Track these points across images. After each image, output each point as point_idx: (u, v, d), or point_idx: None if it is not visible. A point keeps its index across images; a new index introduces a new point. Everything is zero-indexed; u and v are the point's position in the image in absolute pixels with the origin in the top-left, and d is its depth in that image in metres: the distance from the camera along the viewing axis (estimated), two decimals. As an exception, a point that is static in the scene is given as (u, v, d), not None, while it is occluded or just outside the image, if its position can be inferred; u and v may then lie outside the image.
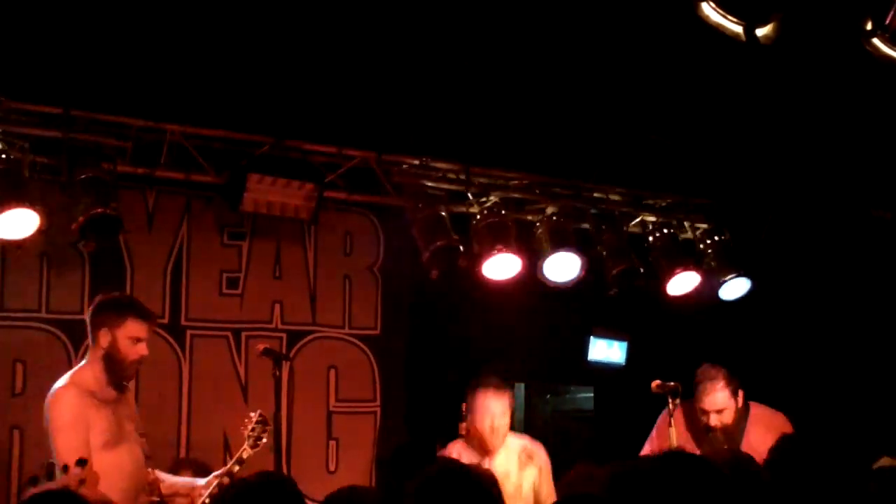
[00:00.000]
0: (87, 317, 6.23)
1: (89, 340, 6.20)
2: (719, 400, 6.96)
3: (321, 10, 7.01)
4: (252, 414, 6.51)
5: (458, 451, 6.92)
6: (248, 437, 6.41)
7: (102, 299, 6.26)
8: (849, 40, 6.55)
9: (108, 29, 6.86)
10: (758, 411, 7.14)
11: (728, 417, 6.96)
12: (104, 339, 6.04)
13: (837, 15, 6.49)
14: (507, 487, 6.43)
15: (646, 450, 7.23)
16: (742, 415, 7.06)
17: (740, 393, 7.02)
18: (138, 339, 6.07)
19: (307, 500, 4.41)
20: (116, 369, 6.05)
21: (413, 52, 7.37)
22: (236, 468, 6.30)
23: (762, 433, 6.67)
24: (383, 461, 8.46)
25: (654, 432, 7.27)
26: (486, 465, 6.51)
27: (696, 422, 7.09)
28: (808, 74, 7.32)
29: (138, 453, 6.06)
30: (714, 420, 6.94)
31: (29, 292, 7.53)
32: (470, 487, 3.89)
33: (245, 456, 6.35)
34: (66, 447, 5.79)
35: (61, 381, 6.09)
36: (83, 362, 6.21)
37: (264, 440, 6.45)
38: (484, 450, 6.92)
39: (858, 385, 9.21)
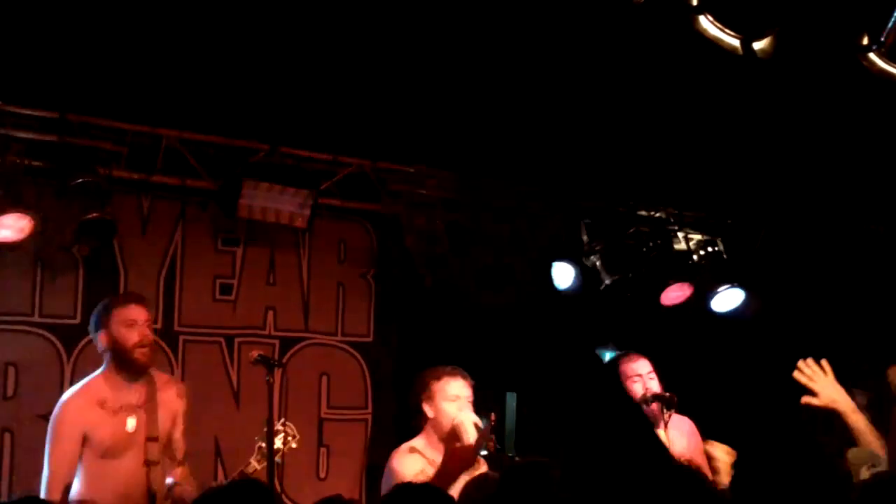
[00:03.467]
0: (90, 332, 6.25)
1: (99, 351, 6.21)
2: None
3: (317, 17, 7.01)
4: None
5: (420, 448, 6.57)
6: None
7: (95, 310, 6.31)
8: (845, 55, 6.57)
9: (105, 34, 6.84)
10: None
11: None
12: (104, 339, 6.06)
13: (834, 30, 6.51)
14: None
15: None
16: None
17: None
18: (133, 322, 6.06)
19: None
20: (125, 361, 6.07)
21: (409, 61, 7.37)
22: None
23: (678, 437, 6.81)
24: (374, 469, 8.45)
25: None
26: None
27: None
28: (804, 88, 7.34)
29: (139, 462, 6.05)
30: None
31: (22, 296, 7.51)
32: None
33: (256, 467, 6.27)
34: (54, 459, 5.97)
35: (71, 390, 6.19)
36: (99, 369, 6.22)
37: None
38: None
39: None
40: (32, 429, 7.41)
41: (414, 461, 6.29)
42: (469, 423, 6.22)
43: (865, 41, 6.51)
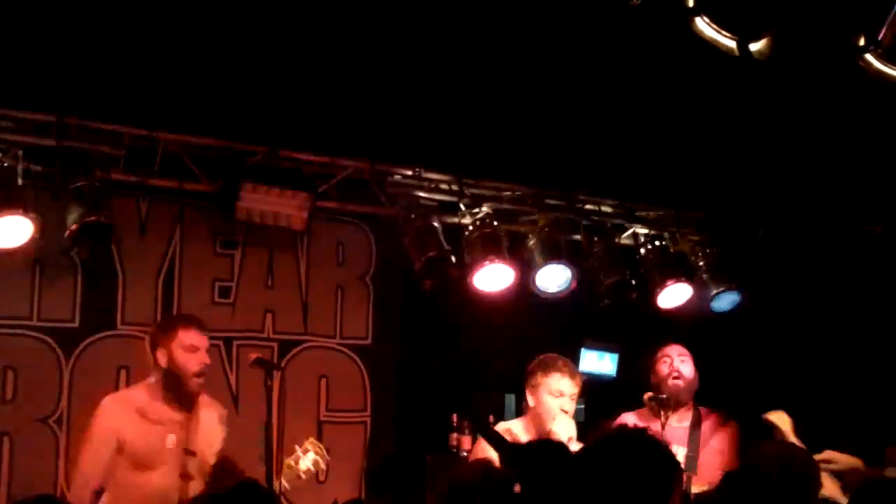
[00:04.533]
0: (146, 344, 6.24)
1: (151, 362, 6.20)
2: None
3: (316, 19, 7.02)
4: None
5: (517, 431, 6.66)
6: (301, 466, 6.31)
7: (155, 323, 6.29)
8: (842, 56, 6.57)
9: (102, 37, 6.86)
10: None
11: None
12: (162, 358, 6.04)
13: (831, 31, 6.51)
14: None
15: None
16: None
17: None
18: (194, 348, 6.04)
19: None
20: (178, 385, 6.03)
21: (407, 63, 7.38)
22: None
23: (714, 451, 6.99)
24: (372, 472, 8.46)
25: None
26: None
27: None
28: (800, 89, 7.34)
29: (172, 478, 5.99)
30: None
31: (21, 299, 7.52)
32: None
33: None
34: (86, 461, 5.95)
35: (116, 393, 6.23)
36: (148, 379, 6.20)
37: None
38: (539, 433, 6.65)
39: (849, 396, 9.23)
40: (31, 432, 7.44)
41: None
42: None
43: (862, 42, 6.50)
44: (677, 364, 7.10)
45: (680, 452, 6.71)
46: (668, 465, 3.68)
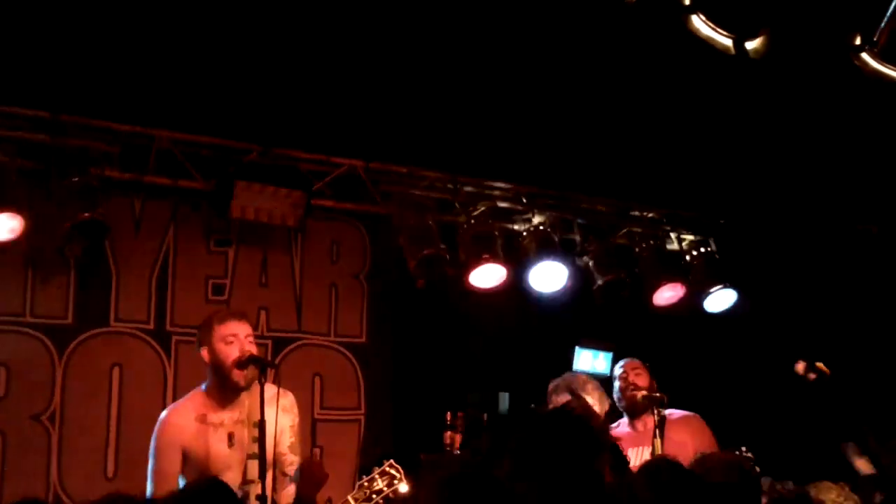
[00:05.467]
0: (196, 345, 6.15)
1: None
2: None
3: (311, 19, 7.01)
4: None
5: None
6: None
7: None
8: (838, 55, 6.57)
9: (97, 34, 6.85)
10: None
11: None
12: (206, 355, 5.95)
13: (827, 30, 6.52)
14: None
15: None
16: None
17: None
18: (233, 338, 5.94)
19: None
20: (224, 378, 5.91)
21: (402, 62, 7.38)
22: None
23: (686, 439, 6.88)
24: (367, 469, 8.44)
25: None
26: None
27: None
28: (796, 88, 7.34)
29: (238, 482, 5.85)
30: None
31: (14, 296, 7.50)
32: None
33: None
34: (155, 474, 5.86)
35: (173, 405, 6.12)
36: (202, 385, 6.09)
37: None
38: None
39: (843, 395, 9.22)
40: (24, 429, 7.42)
41: None
42: None
43: (858, 41, 6.51)
44: (633, 378, 7.16)
45: (646, 452, 6.75)
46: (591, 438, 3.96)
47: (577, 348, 9.20)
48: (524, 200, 8.71)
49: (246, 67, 7.28)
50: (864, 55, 6.52)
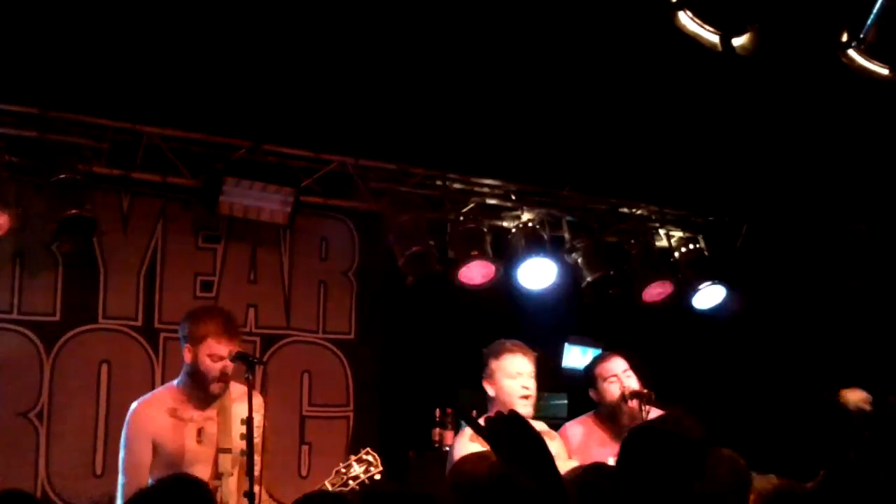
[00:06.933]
0: (179, 329, 6.15)
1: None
2: None
3: (300, 14, 7.00)
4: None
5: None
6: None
7: (188, 312, 6.19)
8: (826, 52, 6.57)
9: (86, 30, 6.83)
10: None
11: None
12: (188, 354, 5.97)
13: (814, 27, 6.51)
14: None
15: None
16: None
17: None
18: (220, 358, 5.98)
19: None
20: (202, 387, 5.96)
21: (391, 58, 7.37)
22: None
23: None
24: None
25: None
26: None
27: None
28: (784, 85, 7.34)
29: (209, 475, 5.90)
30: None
31: (1, 293, 7.48)
32: None
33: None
34: (126, 467, 5.91)
35: (144, 396, 6.12)
36: (178, 378, 6.13)
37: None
38: None
39: (832, 394, 9.25)
40: (11, 426, 7.41)
41: (471, 448, 6.21)
42: None
43: (845, 38, 6.50)
44: (627, 382, 6.82)
45: None
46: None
47: (566, 345, 9.23)
48: (513, 197, 8.73)
49: (235, 64, 7.27)
50: (852, 52, 6.50)
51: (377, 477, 6.09)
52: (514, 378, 6.42)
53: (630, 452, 4.04)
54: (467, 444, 6.24)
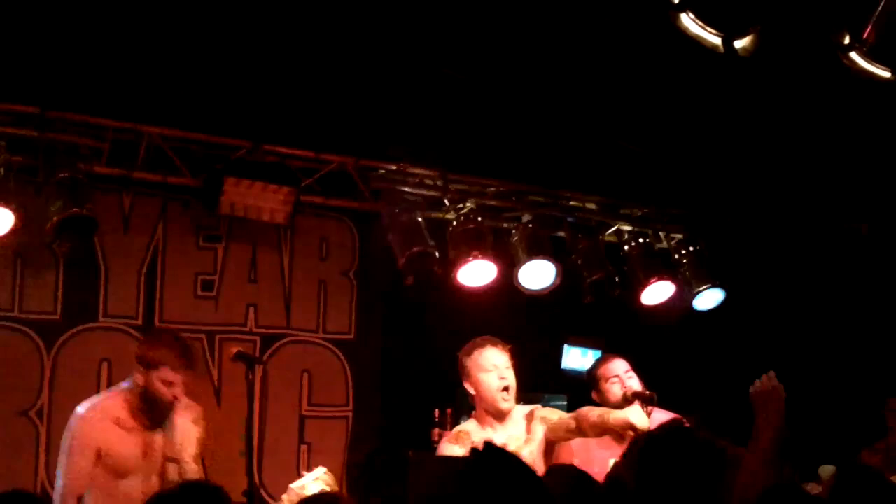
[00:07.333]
0: (134, 349, 6.20)
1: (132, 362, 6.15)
2: None
3: (301, 15, 7.00)
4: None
5: (469, 429, 6.47)
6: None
7: (148, 334, 6.35)
8: (826, 54, 6.57)
9: (86, 29, 6.83)
10: None
11: None
12: (139, 377, 5.99)
13: (815, 29, 6.52)
14: (524, 452, 6.14)
15: None
16: None
17: None
18: (172, 384, 6.00)
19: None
20: (151, 405, 6.00)
21: (392, 59, 7.37)
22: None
23: None
24: (355, 467, 8.44)
25: None
26: (498, 435, 6.27)
27: None
28: (785, 87, 7.35)
29: (153, 484, 5.97)
30: None
31: (2, 292, 7.49)
32: None
33: None
34: (67, 472, 5.92)
35: (86, 403, 6.12)
36: (124, 384, 6.16)
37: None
38: (495, 417, 6.45)
39: (830, 394, 9.25)
40: (11, 425, 7.41)
41: (449, 451, 6.21)
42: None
43: (847, 40, 6.51)
44: (628, 383, 6.86)
45: None
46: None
47: (565, 346, 9.22)
48: (514, 198, 8.72)
49: (235, 64, 7.27)
50: (853, 54, 6.51)
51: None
52: (489, 372, 6.37)
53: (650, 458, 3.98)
54: (446, 447, 6.26)
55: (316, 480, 6.07)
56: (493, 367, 6.37)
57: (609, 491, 4.05)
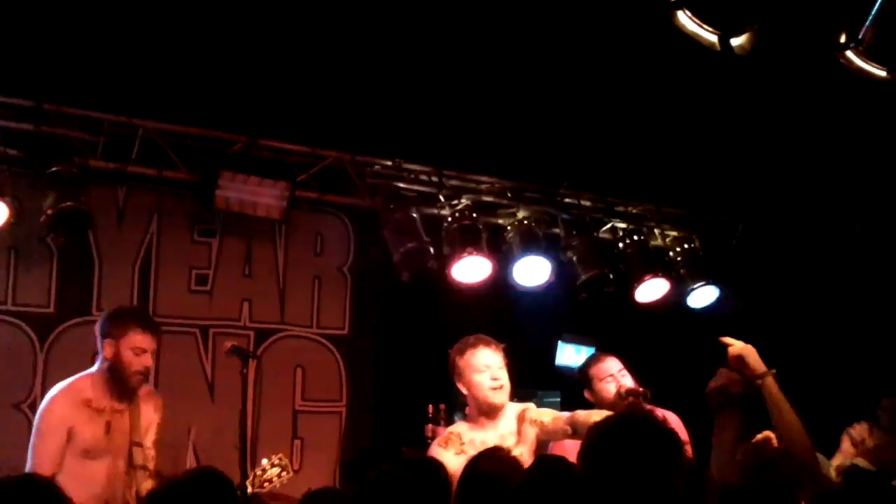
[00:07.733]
0: (96, 327, 6.22)
1: (98, 349, 6.18)
2: None
3: (298, 10, 6.99)
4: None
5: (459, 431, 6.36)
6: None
7: (109, 311, 6.34)
8: (824, 53, 6.57)
9: (83, 23, 6.82)
10: None
11: None
12: (108, 349, 6.05)
13: (812, 28, 6.51)
14: (515, 452, 6.10)
15: None
16: None
17: None
18: (142, 350, 6.05)
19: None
20: (120, 379, 6.06)
21: (388, 55, 7.37)
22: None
23: None
24: (348, 462, 8.44)
25: None
26: (489, 434, 6.26)
27: None
28: (782, 85, 7.35)
29: (120, 466, 6.07)
30: None
31: (-4, 285, 7.50)
32: None
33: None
34: (39, 453, 5.94)
35: (58, 386, 6.15)
36: (91, 368, 6.19)
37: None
38: (487, 416, 6.35)
39: (822, 393, 9.26)
40: (4, 418, 7.40)
41: (436, 454, 6.17)
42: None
43: (843, 39, 6.50)
44: (622, 381, 6.84)
45: None
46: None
47: (559, 342, 9.22)
48: (509, 195, 8.72)
49: (232, 58, 7.26)
50: (850, 53, 6.50)
51: (286, 482, 6.34)
52: (482, 372, 6.31)
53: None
54: (435, 450, 6.25)
55: (273, 467, 6.17)
56: (485, 368, 6.33)
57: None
